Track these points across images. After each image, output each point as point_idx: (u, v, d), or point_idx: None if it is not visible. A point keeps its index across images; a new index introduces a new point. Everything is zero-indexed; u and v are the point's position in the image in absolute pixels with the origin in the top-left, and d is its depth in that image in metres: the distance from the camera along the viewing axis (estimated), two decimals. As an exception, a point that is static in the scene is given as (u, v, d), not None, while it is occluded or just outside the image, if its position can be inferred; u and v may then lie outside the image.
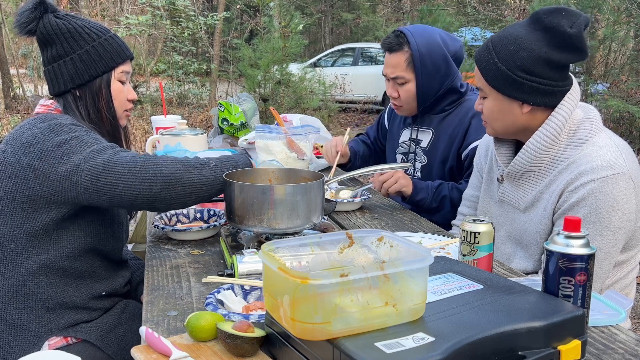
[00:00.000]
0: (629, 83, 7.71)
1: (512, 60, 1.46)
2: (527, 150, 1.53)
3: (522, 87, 1.47)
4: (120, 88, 1.58)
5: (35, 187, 1.38)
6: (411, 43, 2.07)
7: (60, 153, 1.36)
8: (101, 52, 1.52)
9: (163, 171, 1.35)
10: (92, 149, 1.36)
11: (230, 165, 1.46)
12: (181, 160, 1.41)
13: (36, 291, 1.44)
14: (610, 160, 1.44)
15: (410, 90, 2.13)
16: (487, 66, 1.51)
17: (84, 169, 1.34)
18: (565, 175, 1.48)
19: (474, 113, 2.10)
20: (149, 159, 1.37)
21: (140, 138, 8.34)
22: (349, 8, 19.09)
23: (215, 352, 1.00)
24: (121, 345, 1.52)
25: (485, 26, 11.33)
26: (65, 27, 1.49)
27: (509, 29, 1.52)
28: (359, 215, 1.95)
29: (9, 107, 10.61)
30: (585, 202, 1.43)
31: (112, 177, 1.33)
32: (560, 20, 1.42)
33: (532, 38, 1.45)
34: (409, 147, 2.27)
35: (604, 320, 1.10)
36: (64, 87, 1.51)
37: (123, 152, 1.38)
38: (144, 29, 10.83)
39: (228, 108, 2.80)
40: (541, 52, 1.44)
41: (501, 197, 1.66)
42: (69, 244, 1.46)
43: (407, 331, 0.83)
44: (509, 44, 1.47)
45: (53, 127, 1.39)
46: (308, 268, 0.98)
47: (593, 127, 1.50)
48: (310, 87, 9.31)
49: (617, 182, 1.42)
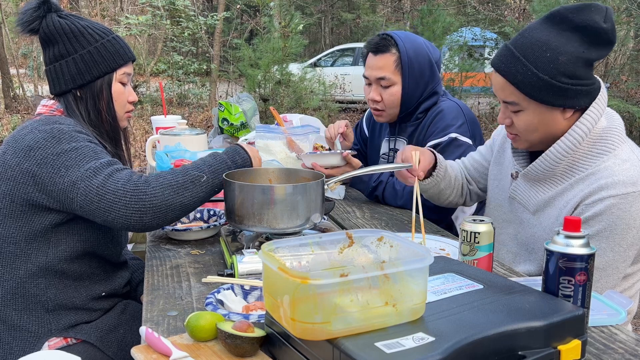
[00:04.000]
0: (629, 83, 7.72)
1: (554, 68, 1.37)
2: (548, 157, 1.48)
3: (567, 93, 1.40)
4: (121, 90, 1.58)
5: (34, 192, 1.38)
6: (399, 45, 2.04)
7: (59, 164, 1.35)
8: (103, 53, 1.51)
9: (153, 202, 1.33)
10: (90, 167, 1.35)
11: (222, 172, 1.44)
12: (170, 181, 1.37)
13: (35, 293, 1.44)
14: (633, 177, 1.39)
15: (396, 94, 2.09)
16: (524, 78, 1.40)
17: (80, 187, 1.34)
18: (583, 187, 1.44)
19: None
20: (140, 187, 1.33)
21: (141, 138, 8.35)
22: (349, 8, 19.09)
23: (215, 352, 1.00)
24: (121, 346, 1.52)
25: (485, 26, 11.32)
26: (68, 27, 1.48)
27: (530, 34, 1.42)
28: (359, 215, 1.95)
29: (9, 107, 10.61)
30: (602, 217, 1.39)
31: (103, 204, 1.32)
32: (594, 17, 1.36)
33: (564, 40, 1.38)
34: (388, 157, 2.25)
35: (603, 320, 1.10)
36: (65, 87, 1.51)
37: (117, 175, 1.35)
38: (144, 29, 10.83)
39: (228, 108, 2.80)
40: (580, 53, 1.38)
41: (512, 194, 1.63)
42: (68, 247, 1.46)
43: (407, 331, 0.83)
44: (543, 51, 1.38)
45: (55, 134, 1.38)
46: (308, 268, 0.98)
47: (616, 137, 1.45)
48: (310, 87, 9.30)
49: (637, 200, 1.38)
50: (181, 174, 1.39)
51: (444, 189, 1.82)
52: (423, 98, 2.12)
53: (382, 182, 2.08)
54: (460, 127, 2.04)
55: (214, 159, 1.47)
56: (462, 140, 2.02)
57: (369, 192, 2.11)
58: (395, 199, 2.05)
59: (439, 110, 2.09)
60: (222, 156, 1.48)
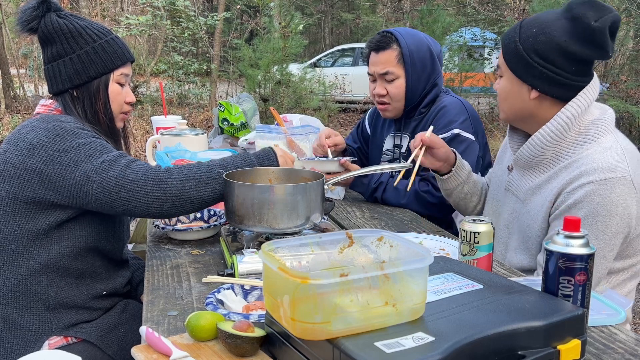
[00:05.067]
0: (629, 83, 7.71)
1: (531, 42, 1.45)
2: (532, 142, 1.52)
3: (533, 71, 1.46)
4: (119, 90, 1.58)
5: (41, 190, 1.38)
6: (400, 41, 2.08)
7: (68, 160, 1.36)
8: (101, 54, 1.51)
9: (173, 191, 1.36)
10: (103, 160, 1.36)
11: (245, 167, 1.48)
12: (194, 175, 1.39)
13: (37, 290, 1.44)
14: (612, 163, 1.41)
15: (400, 87, 2.12)
16: (509, 44, 1.51)
17: (96, 180, 1.35)
18: (565, 174, 1.47)
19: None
20: (161, 176, 1.37)
21: (141, 138, 8.34)
22: (349, 8, 19.08)
23: (215, 352, 1.00)
24: (121, 345, 1.52)
25: (485, 26, 11.32)
26: (67, 27, 1.49)
27: (544, 13, 1.51)
28: (359, 215, 1.95)
29: (9, 107, 10.60)
30: (583, 204, 1.41)
31: (124, 193, 1.34)
32: (587, 12, 1.39)
33: (556, 25, 1.44)
34: (393, 153, 2.27)
35: (603, 320, 1.10)
36: (62, 87, 1.51)
37: (134, 165, 1.38)
38: (144, 29, 10.82)
39: (228, 108, 2.80)
40: (560, 41, 1.42)
41: (507, 185, 1.66)
42: (70, 243, 1.46)
43: (407, 331, 0.84)
44: (533, 26, 1.46)
45: (58, 131, 1.38)
46: (308, 268, 0.98)
47: (602, 128, 1.47)
48: (310, 87, 9.30)
49: (616, 186, 1.39)
50: (206, 169, 1.42)
51: (468, 193, 1.84)
52: (426, 90, 2.14)
53: (382, 183, 2.09)
54: (463, 123, 2.07)
55: (243, 160, 1.49)
56: (464, 136, 2.05)
57: (369, 194, 2.11)
58: (398, 198, 2.05)
59: (442, 106, 2.11)
60: (252, 159, 1.51)
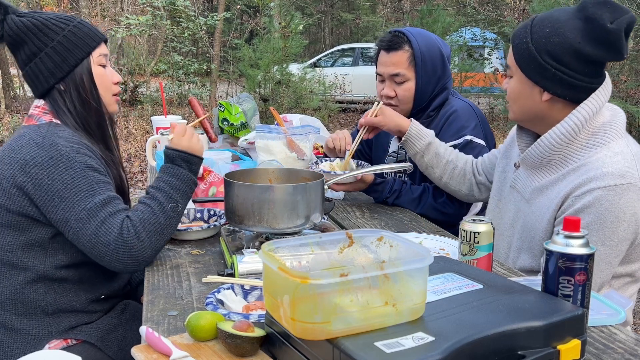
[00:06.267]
0: (629, 83, 7.71)
1: (544, 44, 1.41)
2: (541, 143, 1.49)
3: (545, 73, 1.43)
4: (102, 72, 1.55)
5: (29, 207, 1.38)
6: (412, 42, 2.06)
7: (53, 191, 1.35)
8: (73, 40, 1.48)
9: (145, 254, 1.36)
10: (84, 207, 1.35)
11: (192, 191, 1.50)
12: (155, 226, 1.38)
13: (35, 298, 1.44)
14: (622, 169, 1.38)
15: (410, 90, 2.10)
16: (520, 44, 1.46)
17: (72, 227, 1.36)
18: (573, 177, 1.44)
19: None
20: (130, 243, 1.34)
21: (141, 138, 8.35)
22: (349, 8, 19.09)
23: (215, 352, 1.00)
24: (121, 346, 1.52)
25: (485, 26, 11.33)
26: (31, 23, 1.45)
27: (555, 11, 1.46)
28: (359, 215, 1.95)
29: (9, 107, 10.60)
30: (591, 209, 1.39)
31: (95, 252, 1.36)
32: (603, 14, 1.36)
33: (570, 26, 1.40)
34: (398, 155, 2.25)
35: (603, 320, 1.10)
36: (47, 84, 1.48)
37: (110, 223, 1.34)
38: (144, 29, 10.81)
39: (228, 108, 2.81)
40: (574, 42, 1.38)
41: (513, 183, 1.64)
42: (66, 256, 1.45)
43: (407, 331, 0.84)
44: (545, 27, 1.42)
45: (53, 154, 1.37)
46: (308, 268, 0.98)
47: (613, 131, 1.44)
48: (310, 87, 9.30)
49: (625, 192, 1.37)
50: (161, 213, 1.40)
51: (429, 165, 1.93)
52: (435, 94, 2.13)
53: (395, 191, 2.06)
54: (474, 128, 2.06)
55: (178, 180, 1.47)
56: (477, 142, 2.04)
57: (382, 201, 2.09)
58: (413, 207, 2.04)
59: (453, 111, 2.09)
60: (184, 173, 1.48)
